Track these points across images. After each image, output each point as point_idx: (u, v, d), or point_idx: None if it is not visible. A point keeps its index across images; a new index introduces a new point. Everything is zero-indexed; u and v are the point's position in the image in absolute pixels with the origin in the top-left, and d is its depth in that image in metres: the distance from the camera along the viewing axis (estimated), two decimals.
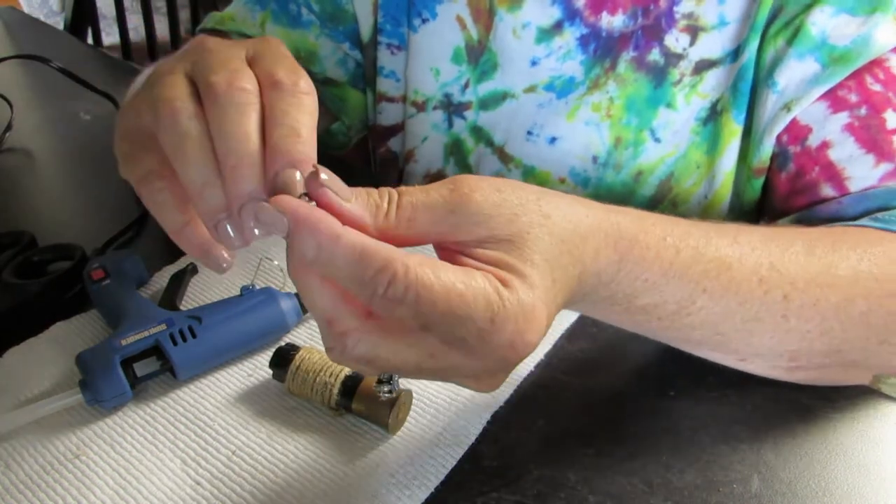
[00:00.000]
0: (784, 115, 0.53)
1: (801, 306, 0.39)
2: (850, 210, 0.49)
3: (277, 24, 0.66)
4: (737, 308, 0.38)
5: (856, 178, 0.50)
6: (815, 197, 0.52)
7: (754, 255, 0.38)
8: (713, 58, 0.57)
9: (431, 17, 0.64)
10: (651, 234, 0.35)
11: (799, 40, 0.52)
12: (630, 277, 0.35)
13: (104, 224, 0.63)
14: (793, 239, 0.41)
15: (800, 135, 0.53)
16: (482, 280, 0.29)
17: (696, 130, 0.59)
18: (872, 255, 0.41)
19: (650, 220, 0.36)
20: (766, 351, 0.41)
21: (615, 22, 0.59)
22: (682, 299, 0.37)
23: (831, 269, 0.40)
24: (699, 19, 0.56)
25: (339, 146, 0.79)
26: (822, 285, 0.39)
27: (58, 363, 0.48)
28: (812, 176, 0.52)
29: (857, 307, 0.40)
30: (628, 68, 0.59)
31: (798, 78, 0.52)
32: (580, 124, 0.62)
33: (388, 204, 0.31)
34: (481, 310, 0.28)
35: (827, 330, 0.40)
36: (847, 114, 0.51)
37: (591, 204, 0.35)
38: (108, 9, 1.54)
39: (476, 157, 0.67)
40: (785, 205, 0.55)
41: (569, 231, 0.32)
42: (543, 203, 0.32)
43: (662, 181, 0.61)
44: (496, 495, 0.39)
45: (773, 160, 0.56)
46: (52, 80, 0.91)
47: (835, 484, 0.39)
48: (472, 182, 0.31)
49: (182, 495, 0.39)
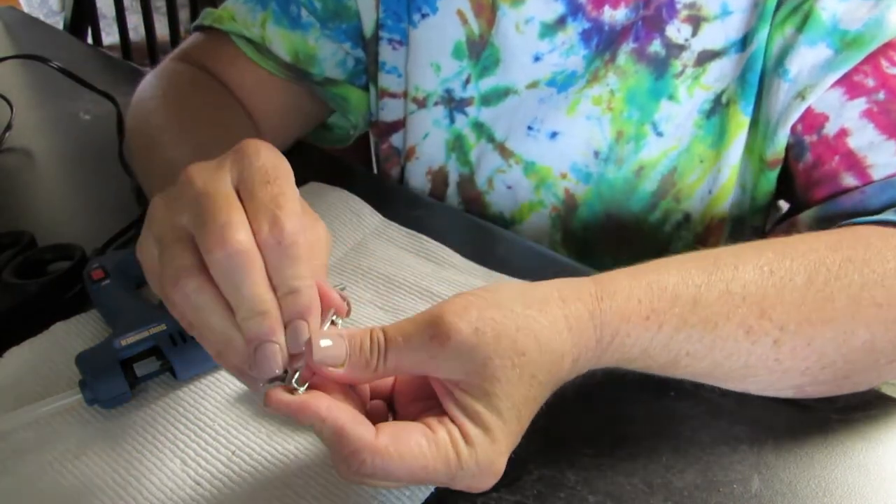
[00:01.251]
0: (798, 103, 0.52)
1: (793, 349, 0.39)
2: (873, 200, 0.48)
3: (278, 25, 0.66)
4: (723, 361, 0.40)
5: (878, 166, 0.48)
6: (837, 187, 0.51)
7: (744, 306, 0.39)
8: (716, 48, 0.56)
9: (431, 11, 0.63)
10: (635, 317, 0.38)
11: (809, 26, 0.50)
12: (611, 360, 0.39)
13: (104, 224, 0.63)
14: (796, 268, 0.40)
15: (815, 123, 0.52)
16: (444, 441, 0.34)
17: (699, 123, 0.58)
18: (882, 274, 0.40)
19: (637, 295, 0.38)
20: (766, 388, 0.42)
21: (617, 15, 0.58)
22: (666, 363, 0.40)
23: (828, 304, 0.39)
24: (701, 9, 0.55)
25: (339, 141, 0.79)
26: (816, 323, 0.39)
27: (58, 363, 0.48)
28: (831, 165, 0.51)
29: (858, 338, 0.39)
30: (629, 60, 0.58)
31: (810, 64, 0.51)
32: (581, 118, 0.61)
33: (376, 358, 0.35)
34: (441, 473, 0.34)
35: (828, 364, 0.40)
36: (864, 99, 0.49)
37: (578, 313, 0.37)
38: (108, 8, 1.54)
39: (477, 154, 0.67)
40: (805, 196, 0.54)
41: (543, 363, 0.36)
42: (521, 337, 0.35)
43: (665, 176, 0.60)
44: (496, 495, 0.38)
45: (787, 150, 0.55)
46: (51, 80, 0.91)
47: (835, 484, 0.39)
48: (451, 324, 0.34)
49: (182, 495, 0.39)
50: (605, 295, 0.38)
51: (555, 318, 0.36)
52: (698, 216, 0.62)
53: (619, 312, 0.37)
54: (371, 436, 0.33)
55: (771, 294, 0.39)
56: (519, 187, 0.66)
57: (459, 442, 0.34)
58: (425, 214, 0.64)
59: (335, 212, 0.62)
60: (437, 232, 0.60)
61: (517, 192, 0.66)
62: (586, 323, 0.37)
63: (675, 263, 0.40)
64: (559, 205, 0.65)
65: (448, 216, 0.66)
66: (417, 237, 0.60)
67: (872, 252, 0.41)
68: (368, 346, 0.35)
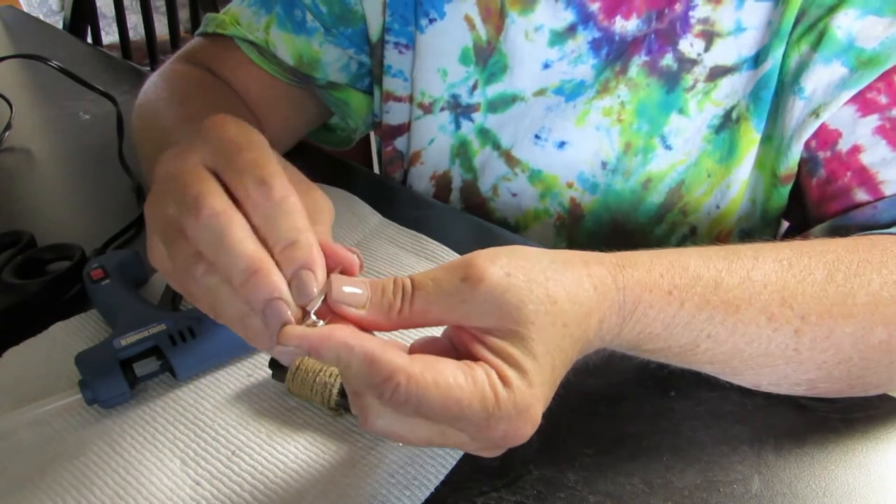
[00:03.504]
0: (812, 121, 0.52)
1: (812, 339, 0.39)
2: (885, 215, 0.48)
3: (282, 28, 0.66)
4: (744, 347, 0.39)
5: (890, 182, 0.49)
6: (849, 202, 0.51)
7: (766, 293, 0.38)
8: (728, 64, 0.56)
9: (439, 16, 0.63)
10: (657, 289, 0.37)
11: (824, 44, 0.50)
12: (632, 333, 0.37)
13: (104, 224, 0.63)
14: (815, 265, 0.40)
15: (828, 139, 0.52)
16: (482, 378, 0.31)
17: (708, 138, 0.58)
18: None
19: (658, 270, 0.37)
20: (781, 381, 0.41)
21: (629, 26, 0.58)
22: (687, 344, 0.38)
23: (848, 298, 0.39)
24: (715, 25, 0.55)
25: (342, 143, 0.79)
26: (836, 316, 0.39)
27: (58, 363, 0.48)
28: (844, 181, 0.51)
29: (875, 335, 0.39)
30: (640, 73, 0.58)
31: (825, 83, 0.51)
32: (590, 129, 0.61)
33: (401, 301, 0.33)
34: (477, 411, 0.31)
35: (844, 360, 0.40)
36: (877, 116, 0.50)
37: (601, 274, 0.36)
38: (108, 8, 1.54)
39: (481, 160, 0.67)
40: (818, 211, 0.54)
41: (573, 314, 0.34)
42: (551, 286, 0.34)
43: (672, 189, 0.60)
44: (496, 495, 0.39)
45: (800, 166, 0.55)
46: (51, 80, 0.91)
47: (835, 484, 0.39)
48: (482, 266, 0.33)
49: (182, 495, 0.39)
50: (626, 264, 0.37)
51: (580, 275, 0.35)
52: (705, 229, 0.62)
53: (641, 282, 0.37)
54: (406, 360, 0.30)
55: (791, 284, 0.39)
56: (524, 195, 0.66)
57: (497, 381, 0.31)
58: (426, 215, 0.64)
59: (335, 212, 0.62)
60: (438, 232, 0.60)
61: (522, 199, 0.66)
62: (609, 285, 0.36)
63: (694, 250, 0.40)
64: (564, 214, 0.65)
65: (449, 216, 0.66)
66: (417, 237, 0.60)
67: (889, 255, 0.41)
68: (392, 289, 0.33)
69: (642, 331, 0.37)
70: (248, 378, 0.47)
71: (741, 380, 0.42)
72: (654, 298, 0.37)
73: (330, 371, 0.43)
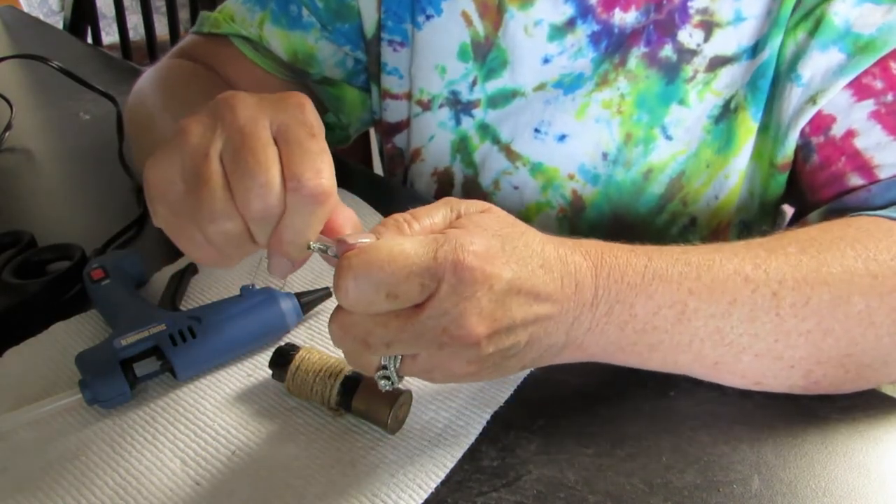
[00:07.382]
0: (809, 108, 0.52)
1: (792, 304, 0.39)
2: (878, 199, 0.49)
3: (276, 24, 0.66)
4: (728, 307, 0.39)
5: (885, 166, 0.49)
6: (843, 187, 0.51)
7: (736, 259, 0.40)
8: (728, 54, 0.56)
9: (436, 12, 0.63)
10: (630, 256, 0.40)
11: (821, 31, 0.51)
12: (609, 282, 0.39)
13: (104, 224, 0.63)
14: (788, 241, 0.41)
15: (822, 125, 0.52)
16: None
17: (707, 128, 0.58)
18: (875, 251, 0.41)
19: (633, 261, 0.40)
20: (775, 365, 0.41)
21: (627, 18, 0.58)
22: (675, 302, 0.39)
23: (822, 267, 0.40)
24: (714, 15, 0.55)
25: (339, 141, 0.79)
26: (812, 283, 0.40)
27: (58, 363, 0.48)
28: (839, 166, 0.52)
29: (854, 305, 0.40)
30: (640, 64, 0.58)
31: (823, 69, 0.51)
32: (590, 121, 0.61)
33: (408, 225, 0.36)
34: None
35: (828, 330, 0.40)
36: (873, 101, 0.50)
37: (577, 260, 0.39)
38: (108, 8, 1.54)
39: (481, 155, 0.67)
40: (813, 197, 0.55)
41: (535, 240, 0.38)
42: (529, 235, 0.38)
43: (673, 179, 0.60)
44: (496, 495, 0.39)
45: (795, 153, 0.55)
46: (51, 80, 0.91)
47: (835, 484, 0.39)
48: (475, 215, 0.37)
49: (182, 495, 0.39)
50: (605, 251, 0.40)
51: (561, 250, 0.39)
52: (705, 220, 0.62)
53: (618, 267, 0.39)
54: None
55: (762, 255, 0.40)
56: (526, 188, 0.66)
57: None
58: None
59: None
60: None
61: (524, 192, 0.66)
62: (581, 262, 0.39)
63: (669, 249, 0.42)
64: (566, 206, 0.65)
65: None
66: None
67: (862, 233, 0.42)
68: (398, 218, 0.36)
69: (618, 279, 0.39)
70: (248, 378, 0.47)
71: (739, 362, 0.41)
72: (620, 260, 0.39)
73: (330, 371, 0.43)
